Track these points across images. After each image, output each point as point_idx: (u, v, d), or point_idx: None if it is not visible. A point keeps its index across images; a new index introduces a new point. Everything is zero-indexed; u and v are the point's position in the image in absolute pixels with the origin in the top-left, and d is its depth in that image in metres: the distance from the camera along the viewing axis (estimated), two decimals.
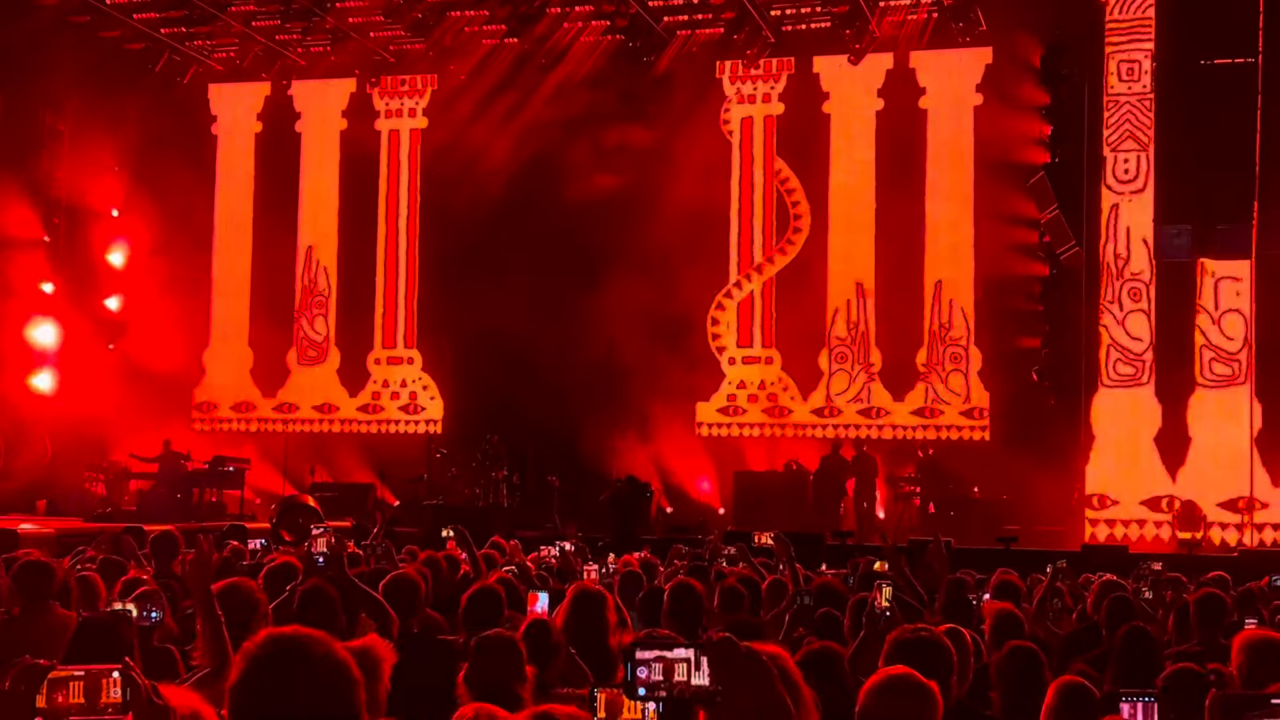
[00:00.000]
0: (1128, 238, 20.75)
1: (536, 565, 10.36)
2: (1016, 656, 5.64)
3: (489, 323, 23.18)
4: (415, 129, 26.62)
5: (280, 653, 2.61)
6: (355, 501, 22.36)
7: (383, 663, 4.04)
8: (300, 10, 24.34)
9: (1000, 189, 23.10)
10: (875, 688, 3.70)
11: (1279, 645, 5.31)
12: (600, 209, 23.56)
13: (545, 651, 5.46)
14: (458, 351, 24.89)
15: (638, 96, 24.35)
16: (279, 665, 2.60)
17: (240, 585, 5.76)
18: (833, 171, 24.35)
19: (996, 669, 5.65)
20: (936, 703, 3.71)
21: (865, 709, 3.68)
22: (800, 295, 24.26)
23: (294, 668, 2.59)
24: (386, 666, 4.05)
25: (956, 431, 23.33)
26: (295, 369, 26.86)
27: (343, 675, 2.62)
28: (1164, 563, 12.78)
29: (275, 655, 2.61)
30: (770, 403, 24.36)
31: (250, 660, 2.62)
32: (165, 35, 25.40)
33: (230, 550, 10.77)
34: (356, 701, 2.62)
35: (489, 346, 23.57)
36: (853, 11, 23.16)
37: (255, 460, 23.54)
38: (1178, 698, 4.70)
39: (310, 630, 2.69)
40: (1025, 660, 5.60)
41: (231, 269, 27.14)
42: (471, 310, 23.97)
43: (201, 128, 27.14)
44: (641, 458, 23.14)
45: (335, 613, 5.99)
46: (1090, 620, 8.44)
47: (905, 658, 4.33)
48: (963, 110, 23.68)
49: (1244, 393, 20.30)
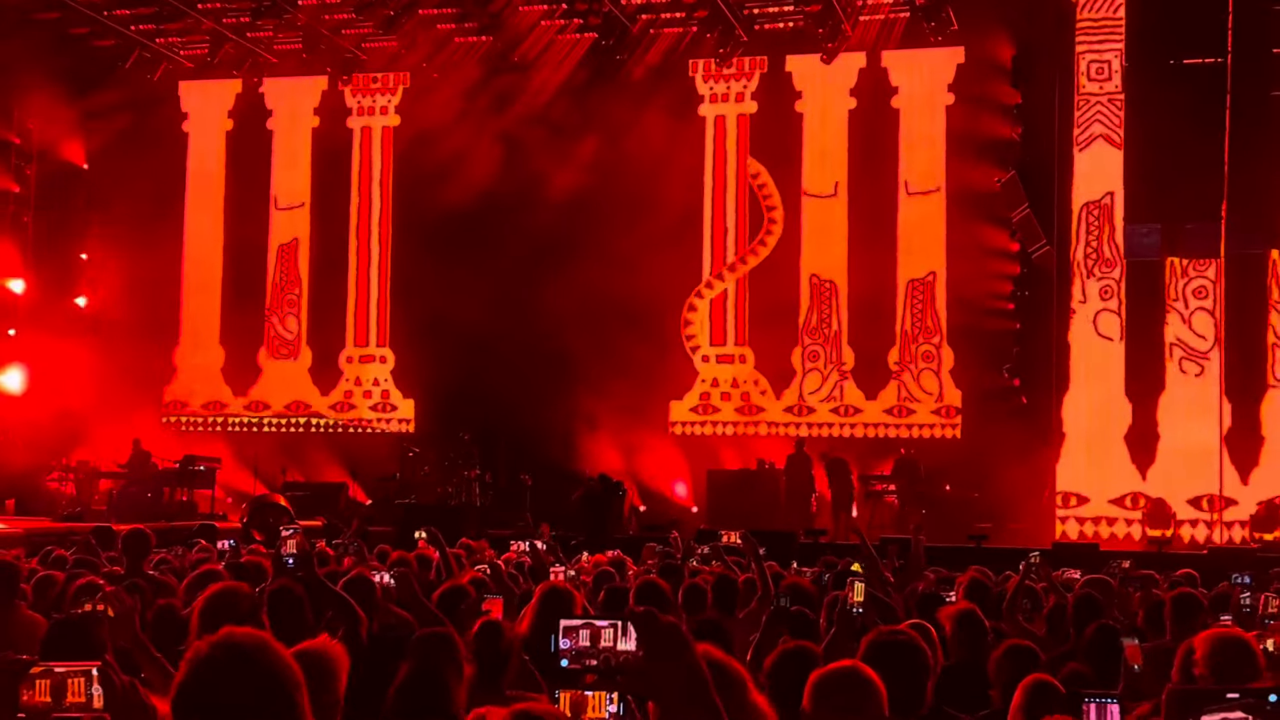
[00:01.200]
0: (1101, 237, 20.86)
1: (508, 565, 10.33)
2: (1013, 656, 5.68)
3: (461, 321, 23.13)
4: (387, 127, 26.55)
5: (220, 655, 2.62)
6: (327, 501, 22.28)
7: (336, 664, 4.02)
8: (271, 7, 24.22)
9: (972, 188, 23.19)
10: (819, 682, 3.70)
11: (1244, 642, 5.34)
12: (573, 208, 23.54)
13: (496, 654, 5.44)
14: (430, 350, 24.81)
15: (610, 95, 24.32)
16: (218, 667, 2.60)
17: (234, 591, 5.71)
18: (805, 170, 24.40)
19: (996, 668, 5.68)
20: (881, 696, 3.72)
21: (812, 704, 3.69)
22: (773, 293, 24.31)
23: (233, 670, 2.60)
24: (341, 667, 4.03)
25: (928, 430, 23.40)
26: (267, 367, 26.76)
27: (283, 677, 2.62)
28: (1133, 560, 12.87)
29: (215, 657, 2.61)
30: (743, 401, 24.39)
31: (191, 663, 2.62)
32: (135, 32, 25.25)
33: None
34: (298, 703, 2.61)
35: (461, 345, 23.52)
36: (825, 11, 23.20)
37: (226, 459, 23.43)
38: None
39: (255, 632, 2.68)
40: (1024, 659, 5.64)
41: (202, 267, 27.02)
42: (444, 308, 23.90)
43: (172, 125, 27.01)
44: (614, 456, 23.14)
45: (303, 613, 5.96)
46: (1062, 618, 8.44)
47: (881, 659, 4.33)
48: (935, 109, 23.76)
49: (1213, 391, 20.41)
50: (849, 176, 24.12)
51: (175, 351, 26.99)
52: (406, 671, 4.97)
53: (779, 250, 24.50)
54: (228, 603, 5.41)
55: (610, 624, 2.64)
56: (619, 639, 2.63)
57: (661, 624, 2.60)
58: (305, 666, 2.69)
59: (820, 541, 18.62)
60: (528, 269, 23.75)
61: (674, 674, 2.58)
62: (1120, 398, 20.85)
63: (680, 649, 2.60)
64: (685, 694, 2.58)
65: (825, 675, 3.75)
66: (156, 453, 22.69)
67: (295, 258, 26.83)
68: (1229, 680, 4.95)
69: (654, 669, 2.58)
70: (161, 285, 26.64)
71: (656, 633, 2.58)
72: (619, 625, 2.63)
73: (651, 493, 23.67)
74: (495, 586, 8.40)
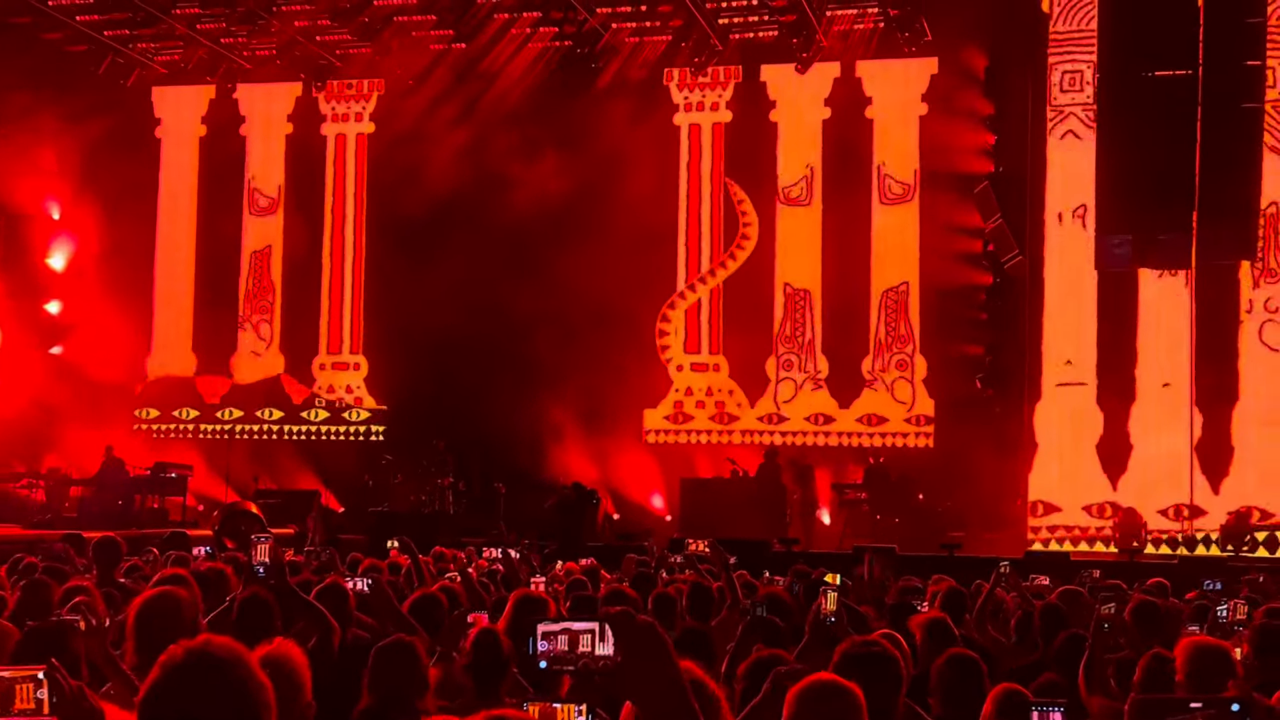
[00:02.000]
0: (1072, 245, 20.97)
1: (480, 573, 10.30)
2: (955, 665, 5.66)
3: (436, 328, 23.10)
4: (362, 134, 26.51)
5: (186, 663, 2.61)
6: (299, 508, 22.18)
7: (299, 666, 3.99)
8: (245, 14, 24.16)
9: (945, 198, 23.30)
10: (800, 694, 3.71)
11: (1222, 651, 5.38)
12: (547, 216, 23.51)
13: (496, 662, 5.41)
14: (404, 357, 24.75)
15: (585, 103, 24.33)
16: (184, 675, 2.60)
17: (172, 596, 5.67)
18: (780, 180, 24.46)
19: (937, 676, 5.67)
20: (861, 708, 3.73)
21: (792, 716, 3.69)
22: (747, 302, 24.35)
23: (200, 678, 2.59)
24: (304, 669, 4.00)
25: (902, 439, 23.47)
26: (240, 374, 26.65)
27: (248, 685, 2.62)
28: (1103, 569, 12.92)
29: (181, 666, 2.61)
30: (717, 410, 24.42)
31: (159, 671, 2.62)
32: (109, 37, 25.15)
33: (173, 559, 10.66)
34: (264, 711, 2.61)
35: (435, 352, 23.47)
36: (800, 21, 23.27)
37: (198, 466, 23.32)
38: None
39: (223, 640, 2.68)
40: (965, 668, 5.62)
41: (175, 273, 26.92)
42: (418, 316, 23.88)
43: (145, 131, 26.91)
44: (589, 465, 23.12)
45: (272, 621, 5.94)
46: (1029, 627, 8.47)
47: (855, 670, 4.34)
48: (908, 120, 23.86)
49: (1184, 401, 20.51)
50: (823, 186, 24.19)
51: (147, 359, 26.86)
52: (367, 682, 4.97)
53: (753, 259, 24.54)
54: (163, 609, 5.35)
55: (588, 628, 2.64)
56: (597, 643, 2.63)
57: (637, 624, 2.60)
58: (270, 672, 2.69)
59: (794, 550, 18.62)
60: (502, 277, 23.70)
61: (650, 675, 2.58)
62: (1092, 407, 20.94)
63: (656, 649, 2.60)
64: (662, 694, 2.57)
65: (807, 687, 3.76)
66: (129, 460, 22.57)
67: (268, 265, 26.75)
68: (1208, 689, 4.99)
69: (631, 669, 2.58)
70: (134, 292, 26.52)
71: (632, 633, 2.58)
72: (597, 629, 2.63)
73: (626, 501, 23.66)
74: (466, 595, 8.39)
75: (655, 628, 2.62)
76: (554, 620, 2.67)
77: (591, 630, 2.63)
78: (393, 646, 5.11)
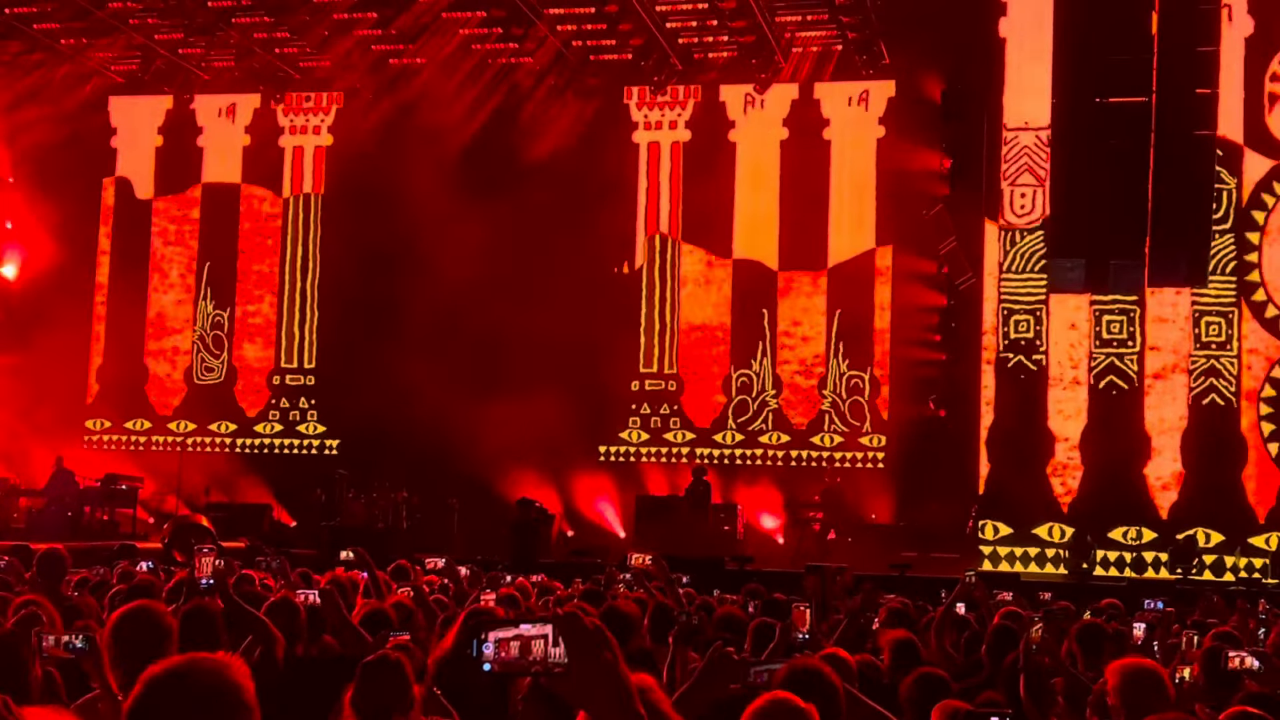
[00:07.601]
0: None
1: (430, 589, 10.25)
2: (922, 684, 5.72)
3: (391, 342, 23.04)
4: (320, 146, 26.42)
5: (171, 678, 2.61)
6: (250, 522, 22.05)
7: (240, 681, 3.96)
8: (204, 24, 24.06)
9: (901, 220, 23.45)
10: (756, 712, 3.73)
11: (1155, 673, 5.41)
12: (505, 232, 23.47)
13: None
14: (358, 372, 24.64)
15: (545, 120, 24.35)
16: (169, 691, 2.60)
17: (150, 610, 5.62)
18: (738, 200, 24.54)
19: (905, 697, 5.73)
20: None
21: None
22: (704, 321, 24.41)
23: (186, 693, 2.60)
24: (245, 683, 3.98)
25: (856, 460, 23.55)
26: (192, 387, 26.47)
27: (235, 700, 2.62)
28: (1054, 591, 12.99)
29: (165, 681, 2.61)
30: (673, 428, 24.44)
31: (142, 687, 2.61)
32: (65, 46, 24.98)
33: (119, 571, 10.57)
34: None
35: (390, 367, 23.36)
36: (759, 42, 23.39)
37: (148, 479, 23.14)
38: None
39: (207, 655, 2.68)
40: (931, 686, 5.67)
41: (128, 285, 26.71)
42: (373, 330, 23.80)
43: (101, 140, 26.73)
44: (543, 482, 23.07)
45: (217, 633, 5.90)
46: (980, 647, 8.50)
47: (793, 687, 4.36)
48: (865, 142, 24.01)
49: (1137, 423, 20.69)
50: (780, 206, 24.29)
51: (98, 369, 26.64)
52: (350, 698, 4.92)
53: (710, 278, 24.59)
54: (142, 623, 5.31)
55: (541, 633, 2.63)
56: (549, 648, 2.63)
57: (585, 627, 2.60)
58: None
59: (746, 569, 18.61)
60: (459, 292, 23.59)
61: (599, 678, 2.58)
62: (1044, 429, 21.07)
63: (603, 652, 2.60)
64: (609, 698, 2.58)
65: (762, 706, 3.78)
66: (79, 472, 22.38)
67: (223, 277, 26.58)
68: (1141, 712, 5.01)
69: (578, 671, 2.58)
70: (86, 303, 26.31)
71: (580, 636, 2.58)
72: (550, 634, 2.62)
73: (581, 518, 23.62)
74: (420, 609, 8.37)
75: (603, 632, 2.63)
76: (506, 624, 2.66)
77: (545, 635, 2.62)
78: (379, 663, 5.07)
